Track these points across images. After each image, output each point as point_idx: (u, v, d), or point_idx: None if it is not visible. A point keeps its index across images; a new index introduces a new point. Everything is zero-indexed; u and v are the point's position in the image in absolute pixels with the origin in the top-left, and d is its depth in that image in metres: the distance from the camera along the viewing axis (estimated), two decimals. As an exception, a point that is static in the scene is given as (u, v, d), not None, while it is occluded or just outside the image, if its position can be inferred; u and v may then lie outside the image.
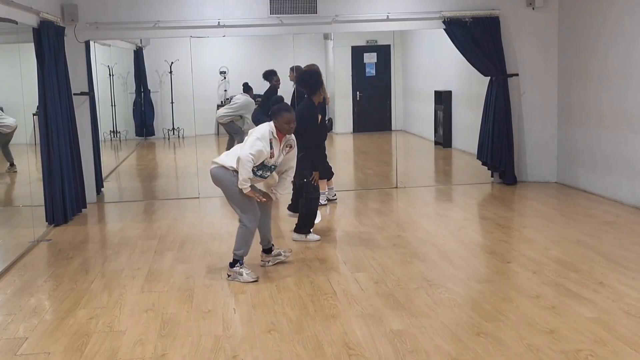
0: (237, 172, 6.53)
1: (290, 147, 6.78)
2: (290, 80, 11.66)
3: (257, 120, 11.18)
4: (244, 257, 6.75)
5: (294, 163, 6.90)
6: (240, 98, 14.49)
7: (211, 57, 17.66)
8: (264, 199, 6.74)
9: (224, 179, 6.67)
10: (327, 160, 10.07)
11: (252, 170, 6.48)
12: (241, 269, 6.63)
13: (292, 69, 11.59)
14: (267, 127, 6.61)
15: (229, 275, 6.65)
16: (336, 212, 9.87)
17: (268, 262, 7.10)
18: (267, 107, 10.53)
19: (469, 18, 11.05)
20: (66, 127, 9.64)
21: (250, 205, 6.66)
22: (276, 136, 6.61)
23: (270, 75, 12.13)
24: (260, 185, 7.24)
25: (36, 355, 5.05)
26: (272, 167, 6.69)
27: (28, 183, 10.79)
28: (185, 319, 5.68)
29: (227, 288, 6.47)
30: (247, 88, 14.70)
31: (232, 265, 6.69)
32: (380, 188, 11.51)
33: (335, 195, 10.48)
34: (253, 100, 13.96)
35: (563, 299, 5.84)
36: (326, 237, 8.31)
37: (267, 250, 7.15)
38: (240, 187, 6.50)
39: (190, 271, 7.04)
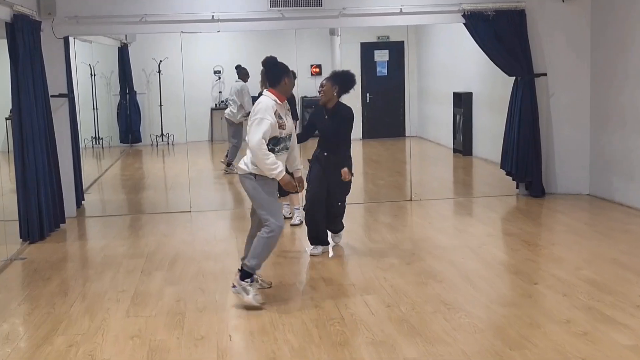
0: (254, 174, 6.59)
1: (288, 109, 6.98)
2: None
3: None
4: (256, 272, 6.72)
5: (293, 128, 7.06)
6: (236, 86, 14.61)
7: (204, 54, 17.71)
8: (299, 189, 6.85)
9: (244, 184, 6.71)
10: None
11: (272, 150, 6.56)
12: (249, 287, 6.58)
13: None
14: (268, 100, 6.68)
15: (234, 286, 6.63)
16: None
17: (233, 287, 6.82)
18: None
19: (491, 11, 11.09)
20: (43, 132, 9.69)
21: (279, 207, 6.77)
22: (280, 102, 6.76)
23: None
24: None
25: (10, 386, 5.08)
26: (287, 136, 6.80)
27: (0, 195, 10.83)
28: (175, 346, 5.70)
29: (222, 312, 6.49)
30: (241, 72, 14.72)
31: (242, 276, 6.65)
32: (393, 201, 11.53)
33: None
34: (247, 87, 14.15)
35: (596, 325, 5.85)
36: (332, 255, 8.34)
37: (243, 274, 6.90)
38: (276, 178, 6.55)
39: (181, 293, 7.07)
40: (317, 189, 8.14)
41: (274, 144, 6.62)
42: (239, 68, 14.94)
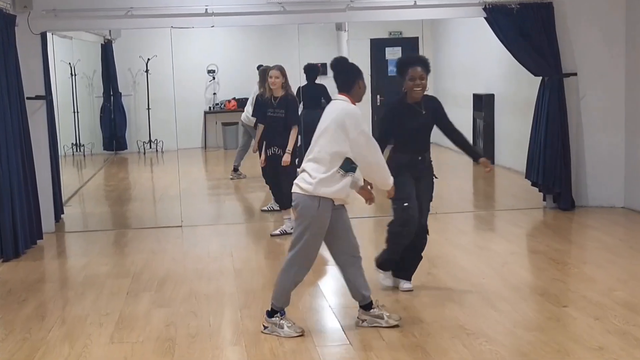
0: (319, 197, 6.24)
1: None
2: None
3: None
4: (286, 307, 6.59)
5: None
6: (256, 90, 14.63)
7: (197, 52, 17.80)
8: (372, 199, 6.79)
9: (302, 207, 6.36)
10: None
11: (351, 170, 6.36)
12: (281, 321, 6.50)
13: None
14: (354, 108, 6.45)
15: (265, 327, 6.56)
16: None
17: (363, 322, 6.66)
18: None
19: (515, 4, 11.11)
20: (17, 138, 9.72)
21: (314, 257, 6.51)
22: None
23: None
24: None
25: (-18, 420, 5.09)
26: None
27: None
28: (164, 375, 5.71)
29: (217, 338, 6.50)
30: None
31: (270, 314, 6.56)
32: (406, 214, 11.53)
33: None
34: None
35: (632, 351, 5.86)
36: (339, 277, 8.33)
37: (366, 307, 6.69)
38: (387, 186, 6.62)
39: (172, 317, 7.08)
40: (414, 203, 7.54)
41: (354, 161, 6.34)
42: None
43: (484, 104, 15.60)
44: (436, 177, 7.76)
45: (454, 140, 7.83)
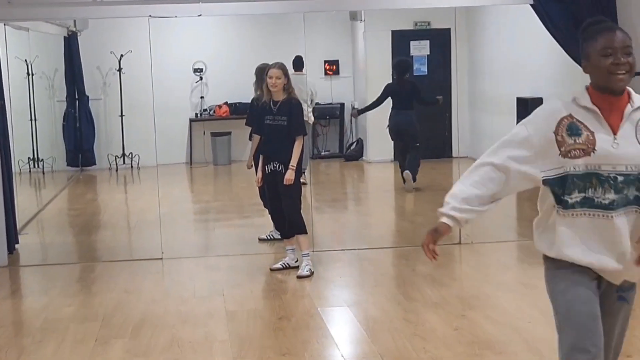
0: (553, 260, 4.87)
1: None
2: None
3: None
4: None
5: None
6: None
7: (181, 47, 17.92)
8: None
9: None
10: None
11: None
12: None
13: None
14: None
15: None
16: (367, 280, 9.93)
17: None
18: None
19: (568, -12, 11.17)
20: (-36, 152, 9.78)
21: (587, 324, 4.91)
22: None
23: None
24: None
25: None
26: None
27: None
28: None
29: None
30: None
31: None
32: (437, 244, 11.52)
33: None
34: None
35: None
36: (354, 319, 8.36)
37: None
38: None
39: (149, 369, 7.10)
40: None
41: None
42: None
43: (530, 110, 15.57)
44: None
45: None
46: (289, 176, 9.75)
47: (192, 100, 18.68)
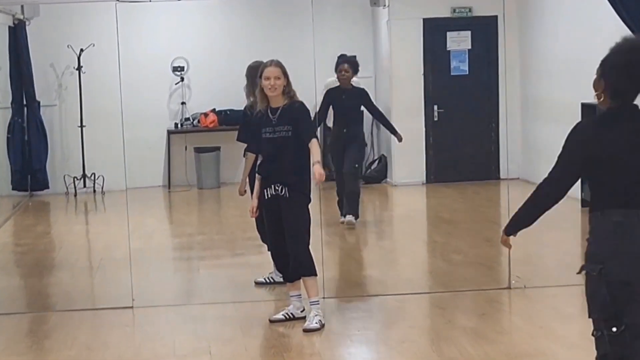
0: None
1: None
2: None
3: None
4: None
5: None
6: None
7: (156, 40, 17.98)
8: None
9: None
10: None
11: None
12: None
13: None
14: None
15: None
16: (393, 335, 9.99)
17: None
18: None
19: (647, -33, 11.26)
20: None
21: None
22: None
23: None
24: None
25: None
26: None
27: None
28: None
29: None
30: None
31: None
32: (480, 289, 11.57)
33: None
34: None
35: None
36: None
37: None
38: None
39: None
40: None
41: None
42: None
43: (597, 119, 15.68)
44: None
45: None
46: (320, 170, 9.37)
47: (170, 107, 18.72)
